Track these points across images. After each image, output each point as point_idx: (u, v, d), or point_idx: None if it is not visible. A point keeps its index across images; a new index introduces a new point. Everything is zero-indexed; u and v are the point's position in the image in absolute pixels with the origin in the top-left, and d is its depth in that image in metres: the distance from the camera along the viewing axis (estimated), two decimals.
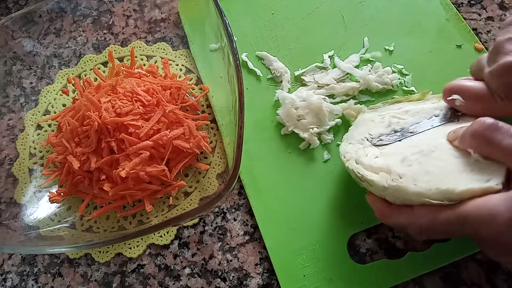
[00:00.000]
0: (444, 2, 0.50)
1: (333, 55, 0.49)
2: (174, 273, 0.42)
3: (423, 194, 0.31)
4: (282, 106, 0.46)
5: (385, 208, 0.34)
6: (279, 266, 0.40)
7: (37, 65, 0.51)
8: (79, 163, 0.41)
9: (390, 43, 0.49)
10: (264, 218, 0.42)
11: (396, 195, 0.33)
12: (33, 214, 0.44)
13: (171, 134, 0.41)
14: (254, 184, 0.44)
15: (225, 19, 0.37)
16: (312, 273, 0.39)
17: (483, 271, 0.39)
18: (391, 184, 0.33)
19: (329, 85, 0.47)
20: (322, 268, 0.39)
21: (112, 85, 0.42)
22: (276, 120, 0.46)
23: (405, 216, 0.33)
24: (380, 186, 0.34)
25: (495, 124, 0.30)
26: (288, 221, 0.42)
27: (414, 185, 0.31)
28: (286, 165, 0.44)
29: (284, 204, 0.43)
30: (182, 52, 0.52)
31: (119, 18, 0.55)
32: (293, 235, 0.41)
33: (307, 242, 0.41)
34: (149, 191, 0.42)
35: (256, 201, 0.43)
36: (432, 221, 0.31)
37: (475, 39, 0.48)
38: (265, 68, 0.49)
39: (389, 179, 0.33)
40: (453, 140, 0.33)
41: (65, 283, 0.43)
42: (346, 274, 0.39)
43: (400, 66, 0.47)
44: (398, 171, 0.33)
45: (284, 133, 0.46)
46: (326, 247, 0.40)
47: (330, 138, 0.45)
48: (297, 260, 0.40)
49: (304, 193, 0.43)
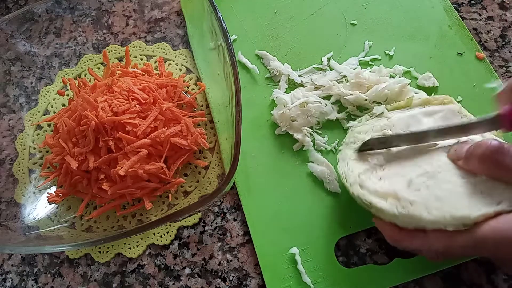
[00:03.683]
0: (448, 8, 0.49)
1: (331, 57, 0.48)
2: (174, 273, 0.42)
3: (438, 222, 0.31)
4: (276, 106, 0.45)
5: (396, 234, 0.33)
6: (265, 266, 0.40)
7: (37, 65, 0.51)
8: (77, 163, 0.41)
9: (391, 47, 0.48)
10: (254, 217, 0.42)
11: (408, 221, 0.32)
12: (33, 214, 0.44)
13: (169, 132, 0.41)
14: (246, 182, 0.44)
15: (219, 14, 0.36)
16: (298, 274, 0.39)
17: (483, 271, 0.38)
18: (402, 212, 0.32)
19: (325, 86, 0.46)
20: (309, 270, 0.39)
21: (108, 84, 0.42)
22: (271, 119, 0.46)
23: (420, 241, 0.32)
24: (390, 214, 0.33)
25: (502, 147, 0.30)
26: (278, 221, 0.42)
27: (427, 213, 0.31)
28: (279, 165, 0.44)
29: (274, 204, 0.42)
30: (182, 52, 0.52)
31: (119, 18, 0.55)
32: (282, 235, 0.41)
33: (295, 243, 0.40)
34: (148, 189, 0.42)
35: (247, 200, 0.43)
36: (449, 246, 0.31)
37: (477, 47, 0.47)
38: (264, 67, 0.49)
39: (399, 206, 0.32)
40: (456, 160, 0.33)
41: (65, 283, 0.43)
42: (332, 277, 0.39)
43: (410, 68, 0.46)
44: (408, 197, 0.32)
45: (278, 133, 0.45)
46: (314, 249, 0.40)
47: (324, 140, 0.44)
48: (284, 261, 0.40)
49: (295, 194, 0.42)
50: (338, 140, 0.44)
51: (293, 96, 0.45)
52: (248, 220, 0.42)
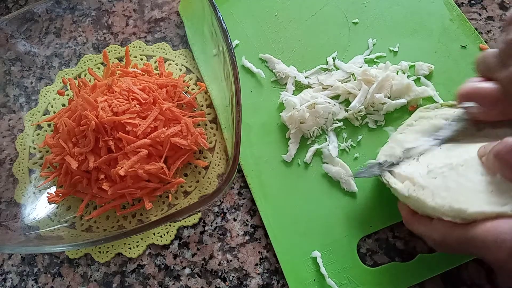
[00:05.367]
0: (448, 2, 0.49)
1: (335, 56, 0.48)
2: (174, 273, 0.42)
3: (437, 209, 0.31)
4: (285, 108, 0.45)
5: (409, 216, 0.35)
6: (289, 271, 0.40)
7: (37, 65, 0.51)
8: (77, 163, 0.41)
9: (395, 44, 0.48)
10: (273, 223, 0.42)
11: (417, 205, 0.33)
12: (33, 214, 0.44)
13: (169, 132, 0.41)
14: (262, 188, 0.43)
15: (219, 14, 0.36)
16: (322, 278, 0.39)
17: (484, 271, 0.38)
18: (411, 194, 0.33)
19: (333, 86, 0.46)
20: (332, 272, 0.39)
21: (108, 84, 0.42)
22: (281, 122, 0.46)
23: (424, 227, 0.33)
24: (402, 195, 0.34)
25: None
26: (297, 226, 0.41)
27: (432, 199, 0.32)
28: (293, 168, 0.44)
29: (292, 208, 0.42)
30: (182, 52, 0.52)
31: (119, 18, 0.55)
32: (302, 239, 0.41)
33: (316, 246, 0.40)
34: (148, 189, 0.42)
35: (264, 206, 0.42)
36: (444, 237, 0.31)
37: (480, 39, 0.47)
38: (269, 70, 0.49)
39: (412, 189, 0.33)
40: (482, 156, 0.32)
41: (65, 283, 0.43)
42: (357, 278, 0.38)
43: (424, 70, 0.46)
44: (422, 183, 0.33)
45: (288, 136, 0.45)
46: (335, 251, 0.40)
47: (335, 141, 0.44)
48: (307, 265, 0.39)
49: (312, 196, 0.42)
50: (350, 139, 0.44)
51: (302, 98, 0.45)
52: (267, 226, 0.42)
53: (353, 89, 0.45)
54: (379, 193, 0.41)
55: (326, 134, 0.44)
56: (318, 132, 0.44)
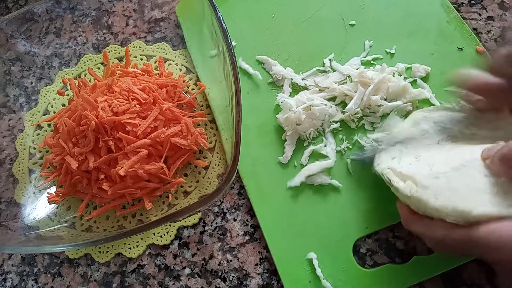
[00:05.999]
0: (445, 4, 0.49)
1: (332, 58, 0.48)
2: (174, 273, 0.42)
3: (440, 210, 0.31)
4: (282, 110, 0.45)
5: (409, 215, 0.35)
6: (285, 272, 0.40)
7: (37, 65, 0.51)
8: (77, 163, 0.41)
9: (391, 46, 0.48)
10: (269, 224, 0.42)
11: (418, 205, 0.33)
12: (33, 214, 0.44)
13: (169, 132, 0.41)
14: (258, 189, 0.43)
15: (219, 14, 0.36)
16: (317, 279, 0.39)
17: (484, 271, 0.38)
18: (414, 194, 0.33)
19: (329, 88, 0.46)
20: (328, 274, 0.39)
21: (108, 84, 0.42)
22: (278, 124, 0.46)
23: (424, 227, 0.33)
24: (404, 194, 0.34)
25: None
26: (293, 227, 0.41)
27: (435, 199, 0.31)
28: (289, 170, 0.44)
29: (288, 209, 0.42)
30: (182, 52, 0.52)
31: (119, 18, 0.55)
32: (298, 241, 0.41)
33: (312, 248, 0.40)
34: (148, 189, 0.42)
35: (261, 207, 0.42)
36: (445, 237, 0.31)
37: (477, 41, 0.47)
38: (266, 72, 0.49)
39: (414, 189, 0.33)
40: (486, 159, 0.32)
41: (65, 283, 0.43)
42: (351, 280, 0.38)
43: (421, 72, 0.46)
44: (424, 183, 0.33)
45: (284, 137, 0.45)
46: (331, 252, 0.40)
47: (332, 142, 0.44)
48: (303, 266, 0.40)
49: (308, 198, 0.42)
50: (347, 141, 0.44)
51: (298, 99, 0.45)
52: (263, 227, 0.42)
53: (350, 91, 0.45)
54: (375, 195, 0.41)
55: (323, 136, 0.44)
56: (315, 134, 0.44)
